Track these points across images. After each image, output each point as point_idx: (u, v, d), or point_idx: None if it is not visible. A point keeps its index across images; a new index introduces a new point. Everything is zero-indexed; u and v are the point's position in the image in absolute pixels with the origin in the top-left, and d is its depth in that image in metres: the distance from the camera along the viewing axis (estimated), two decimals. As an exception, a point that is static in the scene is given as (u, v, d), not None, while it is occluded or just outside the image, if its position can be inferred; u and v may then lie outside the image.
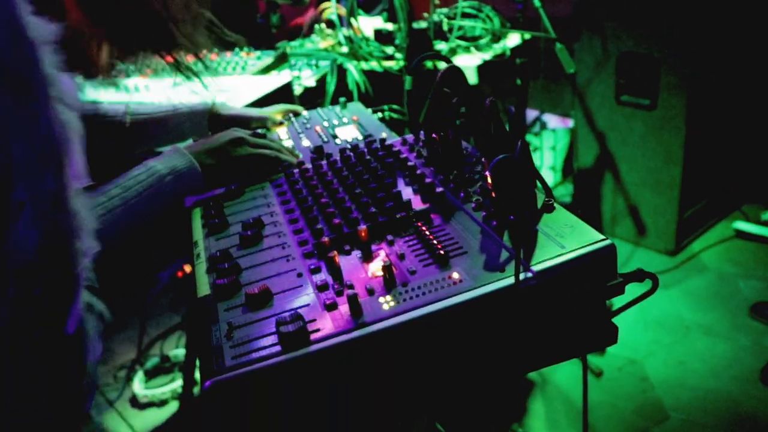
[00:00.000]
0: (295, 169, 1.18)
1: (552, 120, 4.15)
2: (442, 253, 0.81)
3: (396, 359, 0.74)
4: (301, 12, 3.08)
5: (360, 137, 1.36)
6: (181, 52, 1.06)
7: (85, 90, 1.02)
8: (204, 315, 0.80)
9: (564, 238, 0.81)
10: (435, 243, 0.84)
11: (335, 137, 1.38)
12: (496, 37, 2.61)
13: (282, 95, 1.95)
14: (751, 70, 3.22)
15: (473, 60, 2.45)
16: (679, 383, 2.49)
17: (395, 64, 2.45)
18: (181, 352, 2.84)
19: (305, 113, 1.56)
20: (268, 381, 0.69)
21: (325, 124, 1.46)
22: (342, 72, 2.40)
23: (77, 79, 0.98)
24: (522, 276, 0.75)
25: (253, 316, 0.78)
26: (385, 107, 2.24)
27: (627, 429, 2.32)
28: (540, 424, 2.37)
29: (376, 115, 1.72)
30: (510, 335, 0.78)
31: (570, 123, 3.82)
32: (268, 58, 2.28)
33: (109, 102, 1.38)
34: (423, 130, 1.16)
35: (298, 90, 2.15)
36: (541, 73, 3.53)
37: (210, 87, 1.17)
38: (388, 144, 1.21)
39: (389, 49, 2.53)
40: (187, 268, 2.41)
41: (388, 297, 0.76)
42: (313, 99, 2.26)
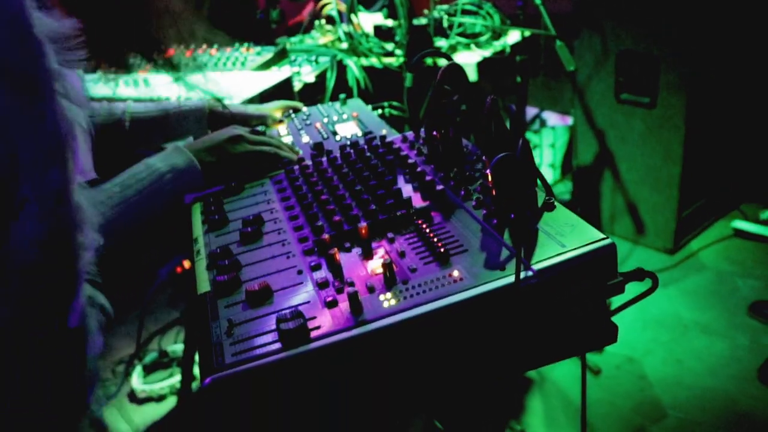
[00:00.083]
0: (295, 166, 1.18)
1: (551, 117, 4.14)
2: (442, 251, 0.81)
3: (396, 357, 0.74)
4: (301, 9, 3.07)
5: (360, 134, 1.36)
6: (164, 48, 1.05)
7: (85, 86, 1.02)
8: (204, 312, 0.80)
9: (564, 236, 0.80)
10: (435, 241, 0.84)
11: (335, 134, 1.37)
12: (496, 34, 2.61)
13: (282, 91, 1.94)
14: (751, 69, 3.22)
15: (473, 57, 2.45)
16: (677, 381, 2.50)
17: (395, 60, 2.45)
18: (180, 347, 2.84)
19: (305, 109, 1.56)
20: (268, 378, 0.69)
21: (325, 120, 1.46)
22: (342, 68, 2.40)
23: (78, 73, 0.98)
24: (522, 275, 0.75)
25: (253, 313, 0.78)
26: (385, 104, 2.24)
27: (625, 427, 2.32)
28: (538, 421, 2.37)
29: (376, 112, 1.72)
30: (510, 334, 0.78)
31: (569, 120, 3.82)
32: (267, 53, 2.28)
33: (109, 97, 1.37)
34: (423, 127, 1.16)
35: (297, 86, 2.15)
36: (541, 71, 3.53)
37: (199, 84, 1.16)
38: (388, 141, 1.20)
39: (389, 46, 2.52)
40: (187, 263, 2.41)
41: (388, 295, 0.76)
42: (313, 95, 2.26)
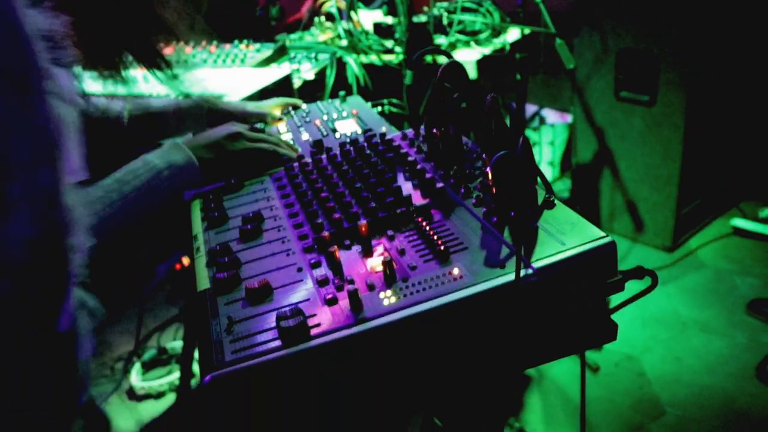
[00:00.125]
0: (295, 163, 1.17)
1: (551, 115, 4.14)
2: (442, 249, 0.81)
3: (396, 354, 0.74)
4: (300, 6, 3.06)
5: (359, 131, 1.35)
6: (163, 46, 1.04)
7: (84, 82, 1.02)
8: (204, 309, 0.80)
9: (565, 234, 0.80)
10: (435, 238, 0.84)
11: (335, 131, 1.37)
12: (495, 32, 2.61)
13: (281, 88, 1.94)
14: (751, 67, 3.22)
15: (473, 54, 2.44)
16: (676, 379, 2.50)
17: (395, 57, 2.44)
18: (179, 344, 2.84)
19: (304, 106, 1.55)
20: (268, 376, 0.69)
21: (325, 117, 1.46)
22: (341, 65, 2.40)
23: (76, 70, 0.97)
24: (522, 273, 0.75)
25: (253, 310, 0.78)
26: (385, 101, 2.24)
27: (623, 424, 2.32)
28: (537, 418, 2.37)
29: (375, 109, 1.72)
30: (510, 331, 0.78)
31: (569, 118, 3.82)
32: (267, 50, 2.27)
33: (108, 94, 1.37)
34: (423, 124, 1.16)
35: (297, 83, 2.15)
36: (541, 69, 3.52)
37: (189, 82, 1.15)
38: (388, 139, 1.20)
39: (389, 43, 2.52)
40: (186, 261, 2.41)
41: (388, 292, 0.76)
42: (313, 92, 2.25)
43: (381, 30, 2.59)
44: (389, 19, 2.66)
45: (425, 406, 1.22)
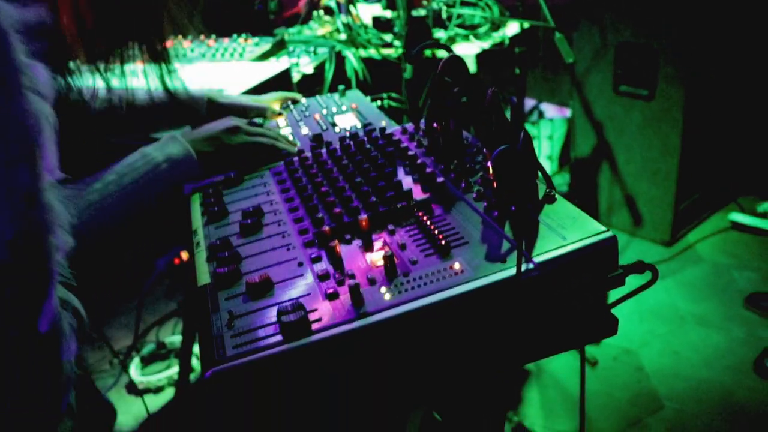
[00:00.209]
0: (295, 158, 1.17)
1: (549, 109, 4.14)
2: (443, 243, 0.81)
3: (397, 349, 0.74)
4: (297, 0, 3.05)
5: (359, 125, 1.35)
6: (163, 39, 1.03)
7: (83, 76, 1.01)
8: (204, 304, 0.80)
9: (565, 229, 0.80)
10: (436, 233, 0.84)
11: (334, 125, 1.37)
12: (495, 26, 2.60)
13: (280, 82, 1.94)
14: (749, 63, 3.22)
15: (472, 48, 2.43)
16: (674, 373, 2.51)
17: (394, 51, 2.44)
18: (177, 338, 2.84)
19: (303, 101, 1.55)
20: (269, 370, 0.69)
21: (324, 111, 1.46)
22: (340, 59, 2.39)
23: (74, 65, 0.97)
24: (523, 267, 0.75)
25: (254, 305, 0.77)
26: (384, 95, 2.23)
27: (621, 418, 2.33)
28: (535, 412, 2.38)
29: (375, 104, 1.72)
30: (511, 326, 0.78)
31: (567, 112, 3.81)
32: (266, 44, 2.27)
33: (106, 88, 1.36)
34: (423, 119, 1.16)
35: (296, 77, 2.14)
36: (540, 63, 3.52)
37: (181, 75, 1.14)
38: (388, 133, 1.20)
39: (388, 37, 2.51)
40: (184, 255, 2.41)
41: (389, 287, 0.76)
42: (312, 86, 2.25)
43: (380, 24, 2.58)
44: (388, 13, 2.65)
45: (426, 400, 1.22)
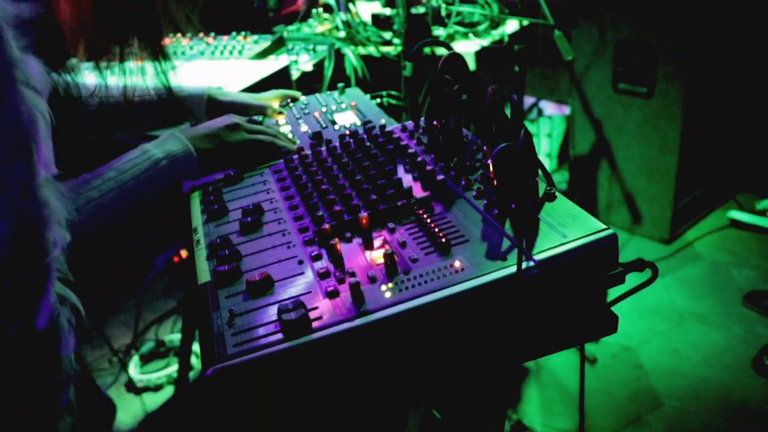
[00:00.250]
0: (295, 155, 1.17)
1: (548, 107, 4.14)
2: (443, 241, 0.81)
3: (398, 347, 0.74)
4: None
5: (359, 123, 1.35)
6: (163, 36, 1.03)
7: (82, 73, 1.01)
8: (205, 302, 0.80)
9: (566, 227, 0.80)
10: (436, 231, 0.84)
11: (334, 123, 1.37)
12: (494, 24, 2.59)
13: (279, 80, 1.94)
14: (748, 60, 3.22)
15: (471, 46, 2.43)
16: (673, 371, 2.51)
17: (393, 49, 2.44)
18: (177, 336, 2.84)
19: (303, 98, 1.55)
20: (269, 369, 0.69)
21: (324, 109, 1.45)
22: (339, 57, 2.39)
23: (73, 62, 0.97)
24: (524, 265, 0.75)
25: (254, 303, 0.77)
26: (384, 93, 2.23)
27: (621, 416, 2.33)
28: (534, 410, 2.38)
29: (374, 101, 1.71)
30: (511, 324, 0.78)
31: (566, 110, 3.81)
32: (265, 42, 2.26)
33: (106, 85, 1.36)
34: (423, 116, 1.16)
35: (295, 74, 2.14)
36: (539, 60, 3.51)
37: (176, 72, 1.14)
38: (387, 131, 1.20)
39: (387, 35, 2.51)
40: (184, 253, 2.40)
41: (390, 285, 0.76)
42: (311, 84, 2.25)
43: (379, 21, 2.58)
44: (387, 11, 2.65)
45: (426, 398, 1.22)
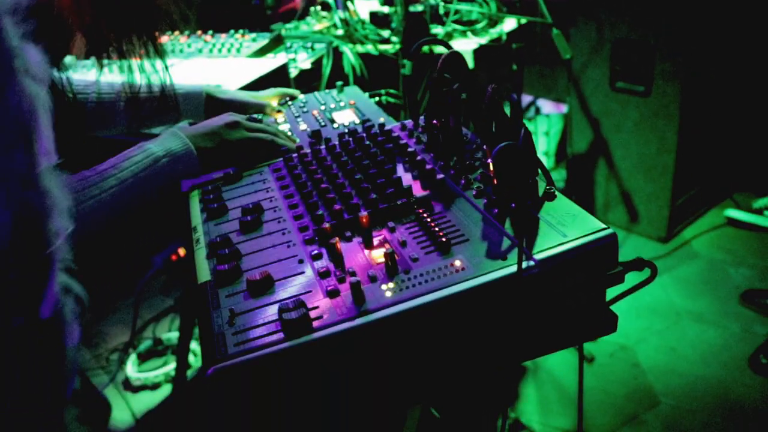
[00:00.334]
0: (294, 154, 1.17)
1: (546, 105, 4.14)
2: (444, 241, 0.81)
3: (398, 346, 0.74)
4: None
5: (357, 121, 1.35)
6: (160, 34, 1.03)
7: (77, 69, 1.01)
8: (205, 301, 0.79)
9: (566, 226, 0.80)
10: (437, 230, 0.84)
11: (333, 121, 1.37)
12: (492, 22, 2.59)
13: (277, 78, 1.93)
14: (746, 59, 3.22)
15: (470, 44, 2.43)
16: (670, 369, 2.52)
17: (391, 47, 2.43)
18: (174, 335, 2.84)
19: (302, 97, 1.55)
20: (270, 368, 0.69)
21: (322, 108, 1.45)
22: (338, 55, 2.38)
23: (69, 59, 0.96)
24: (524, 264, 0.75)
25: (255, 302, 0.77)
26: (382, 91, 2.23)
27: (618, 414, 2.34)
28: (532, 408, 2.39)
29: (373, 100, 1.71)
30: (511, 323, 0.78)
31: (564, 108, 3.81)
32: (263, 40, 2.26)
33: (104, 82, 1.36)
34: (422, 115, 1.15)
35: (293, 72, 2.13)
36: (537, 59, 3.51)
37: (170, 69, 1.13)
38: (387, 129, 1.20)
39: (385, 33, 2.51)
40: (182, 251, 2.40)
41: (390, 284, 0.76)
42: (309, 82, 2.24)
43: (377, 19, 2.57)
44: (385, 9, 2.64)
45: (425, 397, 1.22)
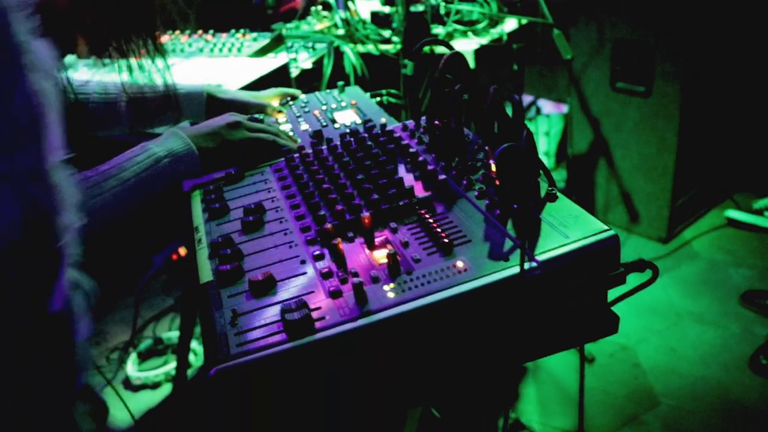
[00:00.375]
0: (295, 154, 1.17)
1: (546, 105, 4.14)
2: (446, 242, 0.81)
3: (400, 347, 0.74)
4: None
5: (359, 122, 1.35)
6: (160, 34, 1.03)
7: (78, 69, 1.01)
8: (207, 302, 0.79)
9: (568, 227, 0.80)
10: (439, 231, 0.84)
11: (334, 122, 1.37)
12: (493, 22, 2.59)
13: (278, 77, 1.93)
14: (746, 60, 3.22)
15: (470, 45, 2.43)
16: (670, 370, 2.52)
17: (392, 47, 2.43)
18: (175, 334, 2.83)
19: (303, 97, 1.55)
20: (272, 369, 0.69)
21: (324, 108, 1.45)
22: (339, 55, 2.38)
23: (70, 59, 0.97)
24: (527, 266, 0.75)
25: (257, 303, 0.77)
26: (384, 92, 2.23)
27: (618, 415, 2.34)
28: (532, 408, 2.39)
29: (374, 100, 1.71)
30: (513, 324, 0.78)
31: (564, 108, 3.81)
32: (264, 39, 2.25)
33: (105, 82, 1.36)
34: (424, 116, 1.15)
35: (294, 72, 2.13)
36: (538, 59, 3.51)
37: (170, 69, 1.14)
38: (388, 130, 1.20)
39: (386, 33, 2.51)
40: (182, 251, 2.40)
41: (393, 285, 0.76)
42: (310, 82, 2.24)
43: (378, 19, 2.58)
44: (386, 9, 2.65)
45: (427, 398, 1.22)
